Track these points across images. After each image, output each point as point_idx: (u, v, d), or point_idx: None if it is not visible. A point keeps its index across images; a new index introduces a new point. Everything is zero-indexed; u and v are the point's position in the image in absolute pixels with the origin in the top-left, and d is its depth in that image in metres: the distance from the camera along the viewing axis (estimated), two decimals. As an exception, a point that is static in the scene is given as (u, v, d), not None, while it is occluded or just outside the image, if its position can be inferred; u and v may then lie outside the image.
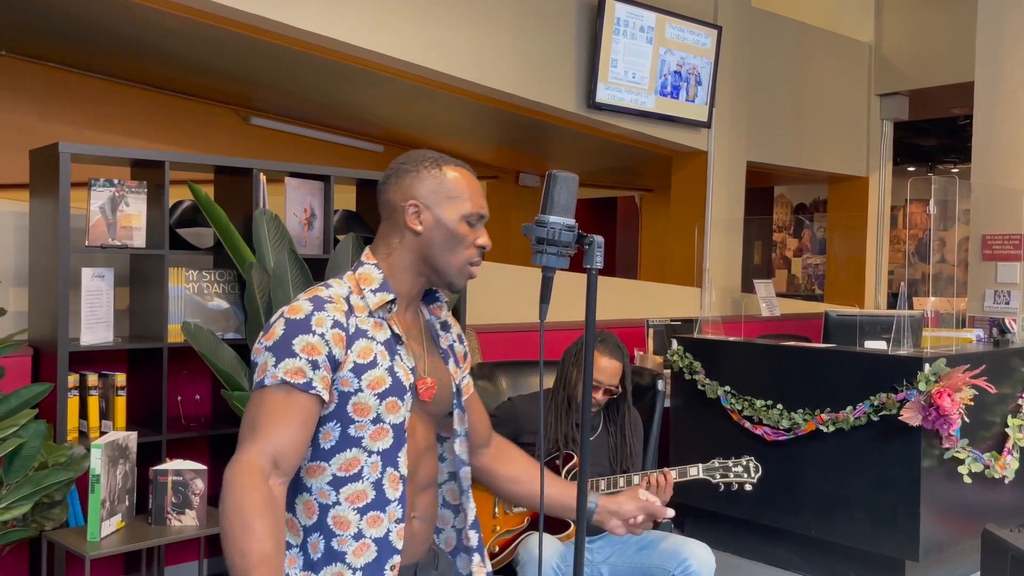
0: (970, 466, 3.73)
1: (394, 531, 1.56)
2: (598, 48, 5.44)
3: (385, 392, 1.54)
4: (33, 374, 3.28)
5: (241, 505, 1.41)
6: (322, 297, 1.54)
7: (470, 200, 1.61)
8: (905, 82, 7.74)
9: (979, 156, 5.50)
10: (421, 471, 1.63)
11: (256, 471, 1.43)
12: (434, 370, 1.66)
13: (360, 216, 4.04)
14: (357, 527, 1.53)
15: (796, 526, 4.01)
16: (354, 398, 1.52)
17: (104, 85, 5.73)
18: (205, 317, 3.44)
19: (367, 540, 1.54)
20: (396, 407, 1.55)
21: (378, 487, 1.54)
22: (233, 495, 1.42)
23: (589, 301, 1.40)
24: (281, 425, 1.45)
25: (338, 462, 1.53)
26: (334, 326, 1.50)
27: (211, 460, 3.63)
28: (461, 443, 1.73)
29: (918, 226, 11.70)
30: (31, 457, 2.69)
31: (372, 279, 1.59)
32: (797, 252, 12.63)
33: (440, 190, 1.60)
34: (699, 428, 4.37)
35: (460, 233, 1.60)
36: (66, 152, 3.08)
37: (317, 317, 1.50)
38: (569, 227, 1.41)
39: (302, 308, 1.51)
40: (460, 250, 1.60)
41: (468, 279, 1.63)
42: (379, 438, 1.54)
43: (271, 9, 4.13)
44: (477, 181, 1.66)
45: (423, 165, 1.62)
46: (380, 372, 1.53)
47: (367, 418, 1.53)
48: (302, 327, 1.49)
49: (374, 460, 1.54)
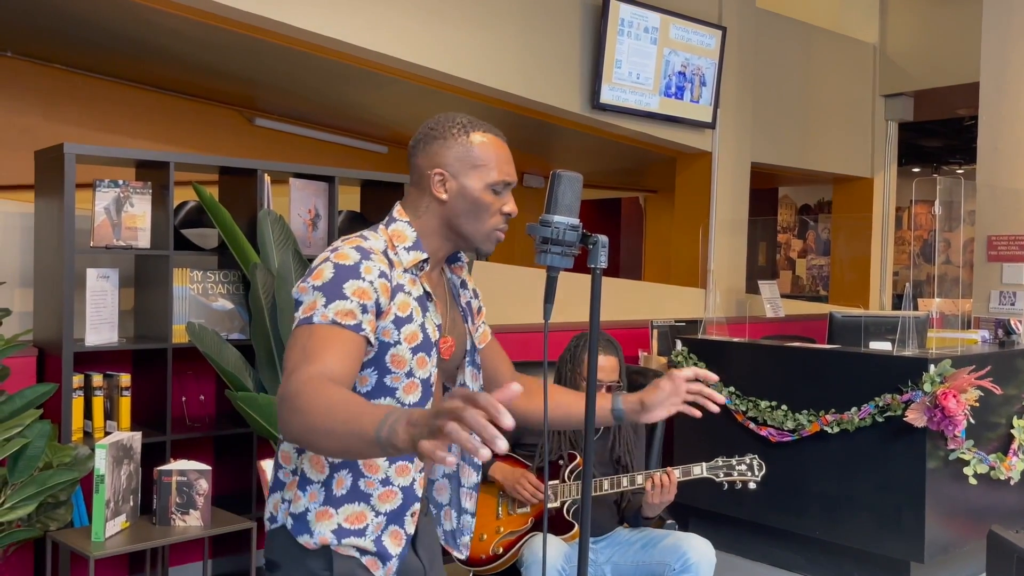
0: (975, 467, 3.72)
1: (418, 480, 1.62)
2: (602, 49, 5.43)
3: (417, 347, 1.58)
4: (38, 374, 3.29)
5: (330, 400, 1.31)
6: (365, 248, 1.56)
7: (496, 168, 1.62)
8: (910, 83, 7.73)
9: (984, 157, 5.48)
10: None
11: (321, 379, 1.37)
12: (454, 329, 1.70)
13: (364, 217, 4.04)
14: (386, 473, 1.58)
15: (801, 527, 4.00)
16: (392, 349, 1.55)
17: (109, 86, 5.73)
18: (209, 318, 3.45)
19: (394, 488, 1.59)
20: (424, 363, 1.60)
21: None
22: (316, 396, 1.32)
23: (593, 301, 1.40)
24: (334, 353, 1.43)
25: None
26: (380, 276, 1.53)
27: (215, 460, 3.64)
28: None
29: (923, 227, 11.66)
30: (36, 457, 2.70)
31: (406, 236, 1.62)
32: (801, 253, 12.61)
33: (466, 158, 1.61)
34: (703, 429, 4.36)
35: (485, 202, 1.61)
36: (71, 153, 3.09)
37: (365, 265, 1.52)
38: (573, 227, 1.41)
39: (349, 256, 1.53)
40: (485, 218, 1.62)
41: (496, 243, 1.65)
42: (411, 392, 1.59)
43: (275, 10, 4.14)
44: (506, 147, 1.67)
45: (451, 131, 1.62)
46: (415, 327, 1.57)
47: (402, 370, 1.57)
48: (352, 272, 1.51)
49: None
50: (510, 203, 1.64)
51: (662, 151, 6.44)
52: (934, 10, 7.50)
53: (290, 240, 3.38)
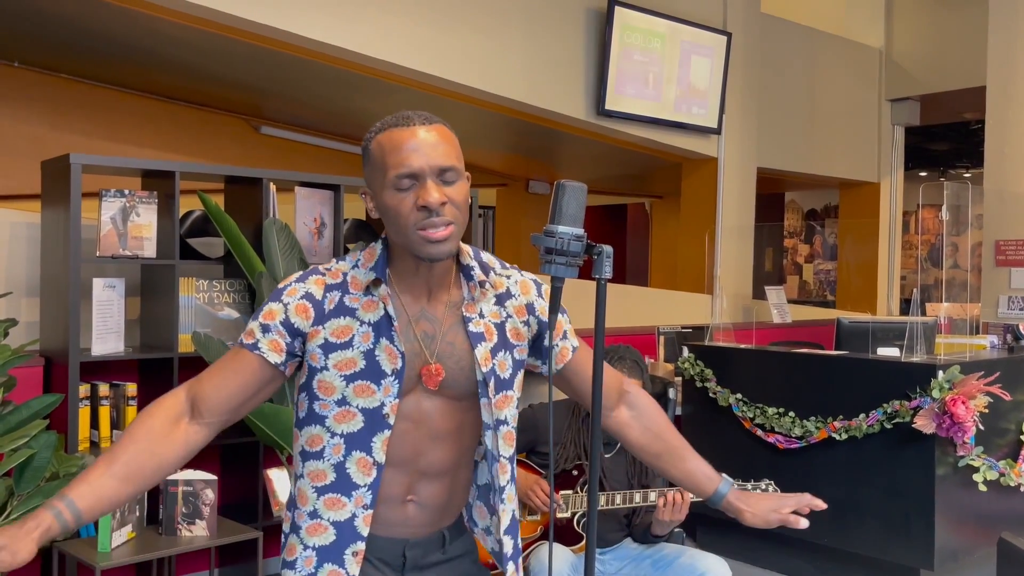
0: (985, 474, 3.69)
1: (360, 516, 1.51)
2: (607, 55, 5.43)
3: (354, 375, 1.49)
4: (44, 384, 3.29)
5: (132, 425, 1.49)
6: (318, 269, 1.55)
7: (390, 165, 1.44)
8: (916, 87, 7.71)
9: (991, 161, 5.46)
10: (429, 457, 1.55)
11: (175, 404, 1.51)
12: (449, 354, 1.53)
13: (370, 225, 4.04)
14: (313, 506, 1.53)
15: (809, 535, 3.94)
16: (319, 375, 1.50)
17: (115, 95, 5.76)
18: (215, 327, 3.45)
19: (323, 521, 1.52)
20: (368, 391, 1.49)
21: (340, 470, 1.51)
22: (140, 415, 1.50)
23: (598, 312, 1.38)
24: (215, 372, 1.52)
25: (305, 435, 1.55)
26: (303, 297, 1.50)
27: (222, 469, 3.63)
28: (492, 436, 1.57)
29: (930, 231, 11.63)
30: (42, 468, 2.70)
31: (374, 255, 1.53)
32: (808, 258, 12.57)
33: (370, 169, 1.50)
34: (711, 436, 4.34)
35: (393, 205, 1.44)
36: (77, 163, 3.09)
37: (292, 288, 1.52)
38: (578, 237, 1.38)
39: (288, 280, 1.54)
40: (400, 222, 1.44)
41: (435, 244, 1.43)
42: (344, 420, 1.50)
43: (281, 19, 4.15)
44: (414, 133, 1.44)
45: (364, 146, 1.53)
46: (353, 354, 1.49)
47: (331, 398, 1.50)
48: (275, 295, 1.52)
49: (336, 442, 1.51)
50: (424, 194, 1.42)
51: (668, 157, 6.43)
52: (940, 14, 7.49)
53: (296, 249, 3.38)
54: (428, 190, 1.42)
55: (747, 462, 4.12)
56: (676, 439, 1.80)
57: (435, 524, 1.60)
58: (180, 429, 1.49)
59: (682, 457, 1.79)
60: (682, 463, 1.78)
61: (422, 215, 1.43)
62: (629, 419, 1.77)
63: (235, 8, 4.00)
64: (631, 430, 1.77)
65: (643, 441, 1.77)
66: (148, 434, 1.47)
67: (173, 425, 1.49)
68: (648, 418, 1.79)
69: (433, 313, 1.54)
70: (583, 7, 5.46)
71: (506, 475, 1.60)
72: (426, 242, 1.43)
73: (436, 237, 1.43)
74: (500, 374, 1.57)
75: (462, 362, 1.54)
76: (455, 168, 1.46)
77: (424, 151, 1.44)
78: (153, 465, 1.46)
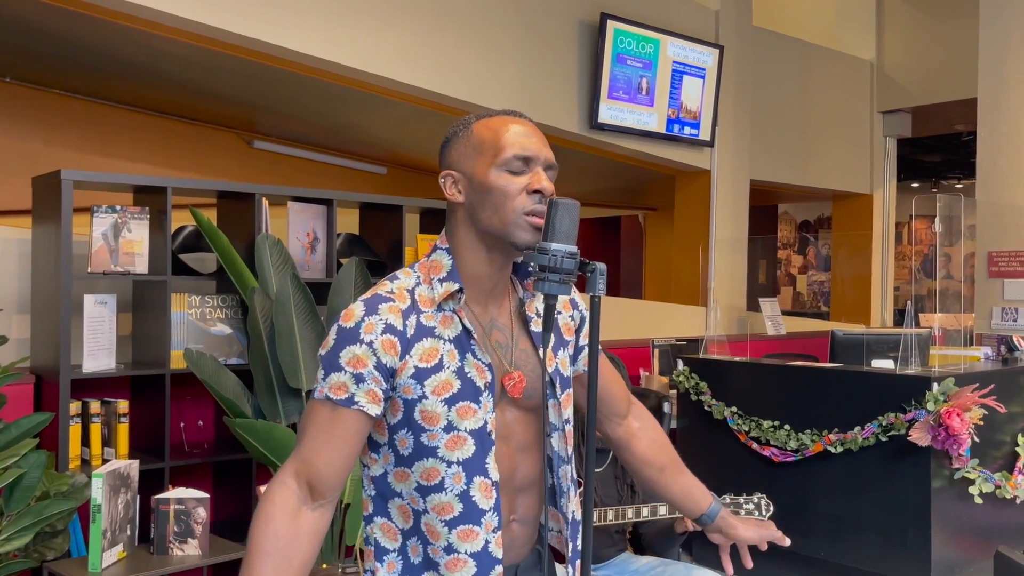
0: (981, 486, 3.69)
1: (493, 541, 1.45)
2: (600, 69, 5.45)
3: (454, 397, 1.42)
4: (35, 401, 3.27)
5: (255, 535, 1.37)
6: (381, 295, 1.42)
7: (506, 144, 1.43)
8: (907, 99, 7.75)
9: (983, 172, 5.48)
10: (521, 471, 1.51)
11: (288, 495, 1.39)
12: (524, 361, 1.50)
13: (363, 240, 4.03)
14: (447, 540, 1.43)
15: (805, 549, 3.96)
16: (419, 405, 1.41)
17: (108, 111, 5.74)
18: (208, 343, 3.43)
19: (461, 555, 1.44)
20: (471, 412, 1.42)
21: (465, 499, 1.43)
22: (257, 518, 1.38)
23: (592, 329, 1.38)
24: (320, 443, 1.39)
25: (419, 470, 1.44)
26: (385, 331, 1.39)
27: (214, 486, 3.61)
28: (559, 438, 1.54)
29: (923, 242, 11.66)
30: (31, 488, 2.67)
31: (441, 267, 1.46)
32: (802, 269, 12.60)
33: (469, 148, 1.45)
34: (706, 449, 4.33)
35: (499, 184, 1.41)
36: (68, 179, 3.08)
37: (368, 323, 1.39)
38: (571, 254, 1.37)
39: (354, 313, 1.40)
40: (506, 203, 1.41)
41: (532, 230, 1.41)
42: (456, 447, 1.42)
43: (274, 34, 4.15)
44: (523, 123, 1.47)
45: (456, 130, 1.49)
46: (447, 375, 1.41)
47: (438, 426, 1.41)
48: (351, 337, 1.39)
49: (455, 471, 1.43)
50: (538, 179, 1.41)
51: (661, 170, 6.44)
52: (931, 26, 7.53)
53: (288, 264, 3.37)
54: (541, 176, 1.43)
55: (742, 476, 4.10)
56: (675, 453, 1.79)
57: (531, 540, 1.57)
58: (305, 521, 1.40)
59: (682, 471, 1.79)
60: (682, 477, 1.78)
61: (533, 199, 1.42)
62: (637, 430, 1.76)
63: (228, 24, 3.99)
64: (639, 442, 1.76)
65: (649, 454, 1.76)
66: (277, 542, 1.37)
67: (295, 520, 1.39)
68: (654, 430, 1.78)
69: (502, 321, 1.51)
70: (576, 20, 5.47)
71: (567, 477, 1.57)
72: (531, 227, 1.41)
73: (539, 224, 1.41)
74: (563, 372, 1.56)
75: (537, 367, 1.51)
76: (556, 168, 1.48)
77: (539, 139, 1.46)
78: (296, 570, 1.37)
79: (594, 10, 5.48)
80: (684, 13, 6.06)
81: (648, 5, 5.78)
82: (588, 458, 1.38)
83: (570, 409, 1.58)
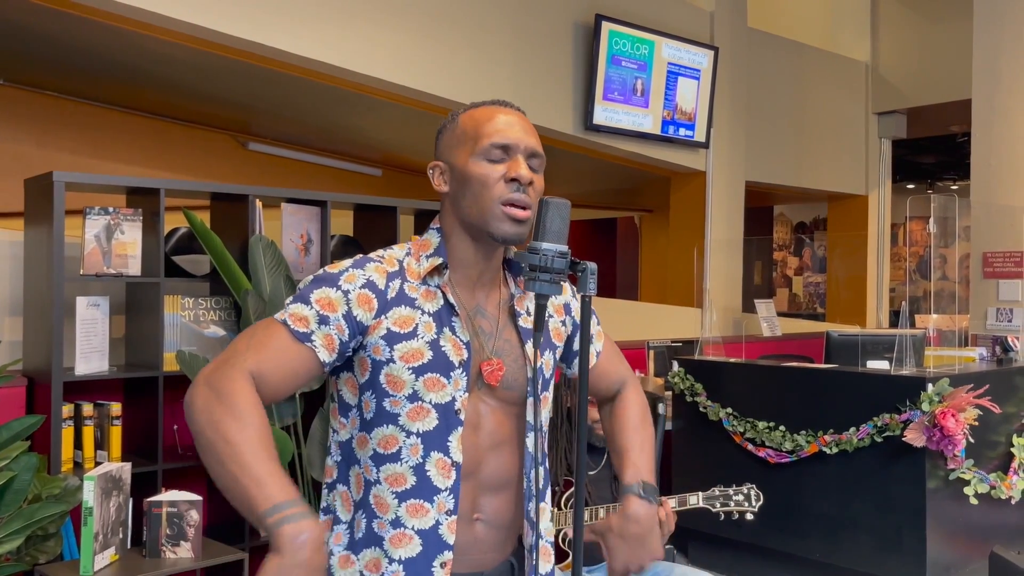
0: (976, 487, 3.69)
1: (445, 524, 1.41)
2: (595, 70, 5.45)
3: (423, 367, 1.40)
4: (28, 404, 3.25)
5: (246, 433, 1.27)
6: (371, 257, 1.44)
7: (485, 134, 1.43)
8: (902, 100, 7.76)
9: (978, 173, 5.49)
10: (491, 467, 1.47)
11: (242, 378, 1.31)
12: (507, 351, 1.49)
13: (358, 241, 4.02)
14: (395, 513, 1.41)
15: (801, 550, 3.96)
16: (386, 368, 1.40)
17: (101, 112, 5.73)
18: (201, 345, 3.42)
19: (407, 531, 1.40)
20: (439, 385, 1.41)
21: (420, 472, 1.41)
22: (234, 414, 1.27)
23: (583, 328, 1.37)
24: (274, 363, 1.35)
25: (377, 436, 1.42)
26: (364, 286, 1.39)
27: (208, 489, 3.59)
28: (535, 438, 1.50)
29: (918, 243, 11.67)
30: (23, 491, 2.66)
31: (429, 244, 1.48)
32: (798, 271, 12.61)
33: (453, 140, 1.46)
34: (701, 451, 4.33)
35: (478, 173, 1.41)
36: (60, 181, 3.07)
37: (350, 274, 1.40)
38: (562, 254, 1.37)
39: (342, 264, 1.42)
40: (484, 192, 1.41)
41: (514, 224, 1.41)
42: (418, 417, 1.41)
43: (268, 36, 4.14)
44: (508, 113, 1.47)
45: (444, 123, 1.50)
46: (418, 344, 1.40)
47: (401, 393, 1.40)
48: (329, 280, 1.39)
49: (413, 442, 1.41)
50: (516, 167, 1.41)
51: (656, 171, 6.44)
52: (925, 28, 7.55)
53: (282, 266, 3.36)
54: (519, 164, 1.42)
55: (737, 476, 4.08)
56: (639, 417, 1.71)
57: (502, 550, 1.52)
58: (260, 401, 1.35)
59: (630, 431, 1.68)
60: (625, 435, 1.67)
61: (510, 187, 1.41)
62: (615, 408, 1.74)
63: (221, 25, 3.99)
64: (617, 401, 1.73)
65: (617, 406, 1.72)
66: (260, 407, 1.31)
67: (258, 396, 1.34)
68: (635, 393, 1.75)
69: (488, 310, 1.50)
70: (571, 22, 5.47)
71: (538, 481, 1.53)
72: (507, 218, 1.41)
73: (518, 216, 1.41)
74: (545, 373, 1.54)
75: (520, 360, 1.50)
76: (542, 157, 1.47)
77: (521, 128, 1.45)
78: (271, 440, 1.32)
79: (589, 11, 5.48)
80: (679, 14, 6.07)
81: (643, 6, 5.78)
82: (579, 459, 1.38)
83: (546, 412, 1.55)
